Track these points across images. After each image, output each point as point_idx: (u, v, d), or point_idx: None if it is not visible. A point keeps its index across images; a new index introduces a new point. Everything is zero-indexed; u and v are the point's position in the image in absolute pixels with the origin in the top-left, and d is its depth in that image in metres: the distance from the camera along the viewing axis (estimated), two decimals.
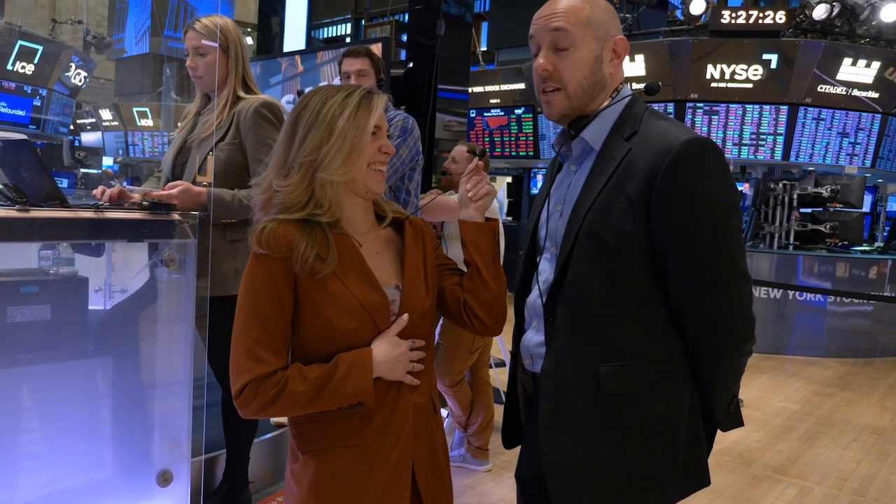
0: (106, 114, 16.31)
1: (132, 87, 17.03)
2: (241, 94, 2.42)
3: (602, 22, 1.34)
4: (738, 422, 1.43)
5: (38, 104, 11.72)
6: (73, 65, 12.29)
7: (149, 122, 15.79)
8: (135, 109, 15.79)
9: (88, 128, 17.49)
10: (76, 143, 16.85)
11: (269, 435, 2.96)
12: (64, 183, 9.46)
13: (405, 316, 1.33)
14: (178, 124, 2.57)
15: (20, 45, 11.02)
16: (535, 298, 1.42)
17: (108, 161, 16.44)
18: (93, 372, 2.18)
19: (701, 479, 1.40)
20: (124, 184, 2.58)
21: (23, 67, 11.19)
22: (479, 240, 1.42)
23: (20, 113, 11.43)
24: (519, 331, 1.52)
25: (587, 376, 1.30)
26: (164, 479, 2.13)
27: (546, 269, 1.40)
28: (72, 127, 15.03)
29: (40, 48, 11.43)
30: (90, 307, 2.18)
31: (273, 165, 1.34)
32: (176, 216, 2.07)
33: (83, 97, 15.05)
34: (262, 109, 2.34)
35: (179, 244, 2.10)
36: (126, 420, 2.19)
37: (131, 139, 16.09)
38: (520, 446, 1.57)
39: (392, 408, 1.33)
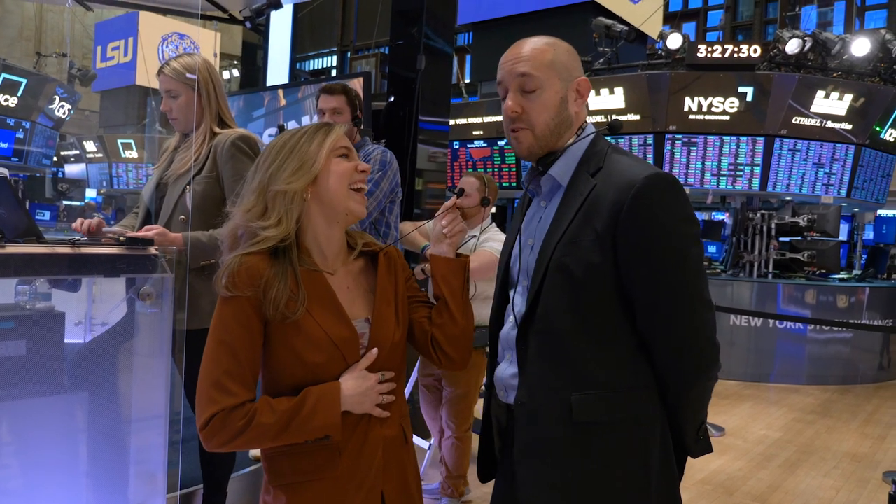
0: (90, 145, 16.31)
1: (117, 119, 17.07)
2: (217, 129, 2.44)
3: (566, 64, 1.40)
4: (706, 448, 1.46)
5: (22, 136, 11.71)
6: (58, 97, 12.31)
7: (133, 154, 15.79)
8: (119, 141, 15.81)
9: (72, 159, 17.46)
10: (59, 175, 16.80)
11: (246, 469, 2.94)
12: (46, 215, 9.41)
13: (374, 351, 1.35)
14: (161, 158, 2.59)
15: (3, 78, 11.04)
16: (508, 331, 1.45)
17: (91, 193, 16.40)
18: (69, 407, 2.17)
19: None
20: (110, 217, 2.58)
21: (6, 100, 11.19)
22: (448, 275, 1.45)
23: (3, 145, 11.41)
24: (493, 363, 1.54)
25: (560, 406, 1.33)
26: None
27: (519, 303, 1.43)
28: (55, 159, 14.99)
29: (24, 81, 11.45)
30: (67, 341, 2.17)
31: (240, 203, 1.38)
32: (153, 251, 2.09)
33: (67, 129, 15.06)
34: (238, 142, 2.37)
35: (156, 279, 2.11)
36: (102, 455, 2.18)
37: (115, 171, 16.08)
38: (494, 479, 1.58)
39: (362, 440, 1.35)
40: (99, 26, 17.76)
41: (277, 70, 6.11)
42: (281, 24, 6.18)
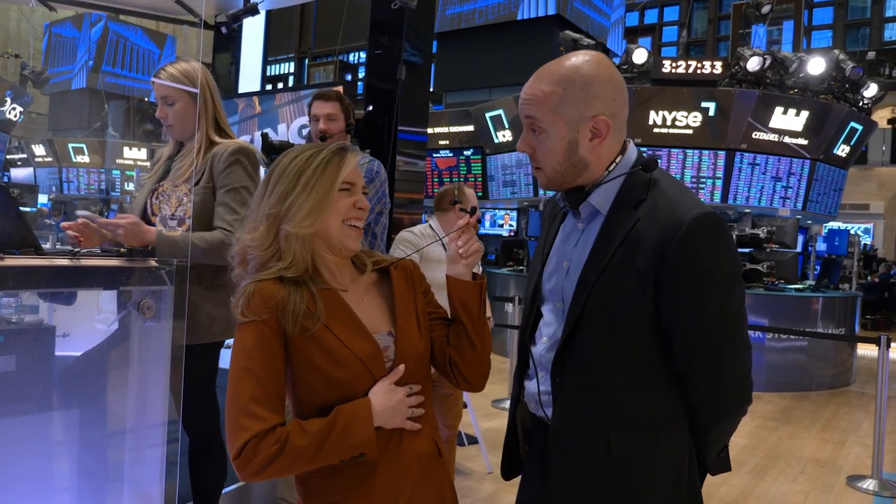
0: (39, 149, 15.79)
1: (67, 122, 16.57)
2: (215, 138, 2.38)
3: (576, 105, 1.32)
4: (726, 467, 1.48)
5: None
6: (8, 99, 11.91)
7: (85, 159, 15.36)
8: (70, 145, 15.35)
9: (19, 164, 16.87)
10: (6, 180, 16.22)
11: (234, 486, 2.88)
12: None
13: (401, 367, 1.34)
14: (148, 168, 2.53)
15: None
16: (542, 352, 1.45)
17: (42, 198, 15.88)
18: (60, 424, 2.09)
19: None
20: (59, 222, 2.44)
21: None
22: (465, 297, 1.43)
23: None
24: (521, 371, 1.54)
25: (598, 440, 1.34)
26: None
27: (552, 323, 1.44)
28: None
29: None
30: (60, 354, 2.10)
31: (247, 221, 1.37)
32: (153, 262, 2.03)
33: (13, 132, 14.56)
34: (236, 154, 2.32)
35: (155, 291, 2.05)
36: (94, 473, 2.10)
37: (66, 176, 15.60)
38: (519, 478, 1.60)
39: (395, 455, 1.33)
40: (48, 26, 17.25)
41: (248, 77, 6.03)
42: (252, 30, 6.11)
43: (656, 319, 1.31)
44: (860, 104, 8.84)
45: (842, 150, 8.57)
